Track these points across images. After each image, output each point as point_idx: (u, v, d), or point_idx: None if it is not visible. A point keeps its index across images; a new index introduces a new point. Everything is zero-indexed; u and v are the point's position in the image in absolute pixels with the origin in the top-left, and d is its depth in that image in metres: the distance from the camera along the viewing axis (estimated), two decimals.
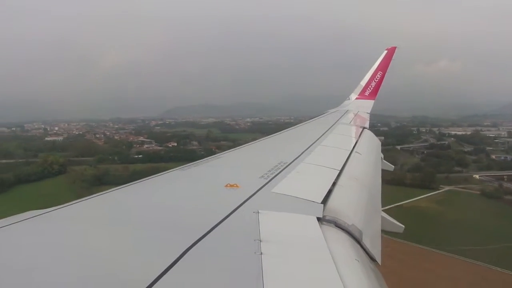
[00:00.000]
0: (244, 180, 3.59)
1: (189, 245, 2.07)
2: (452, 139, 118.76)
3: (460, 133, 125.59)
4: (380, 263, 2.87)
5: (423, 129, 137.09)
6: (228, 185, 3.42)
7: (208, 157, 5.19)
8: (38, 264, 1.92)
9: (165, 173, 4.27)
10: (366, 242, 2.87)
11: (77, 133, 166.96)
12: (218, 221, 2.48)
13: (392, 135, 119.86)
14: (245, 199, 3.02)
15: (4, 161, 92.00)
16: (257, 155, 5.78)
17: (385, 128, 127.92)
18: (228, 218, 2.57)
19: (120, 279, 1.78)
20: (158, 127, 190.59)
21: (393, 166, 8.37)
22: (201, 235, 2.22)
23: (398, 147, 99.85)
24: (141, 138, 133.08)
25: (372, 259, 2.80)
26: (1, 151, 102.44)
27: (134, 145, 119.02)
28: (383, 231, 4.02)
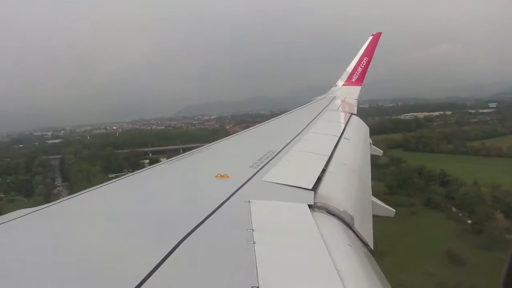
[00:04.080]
0: (234, 170, 3.58)
1: (182, 237, 2.07)
2: None
3: None
4: (372, 248, 2.89)
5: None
6: (219, 175, 3.41)
7: (197, 148, 5.14)
8: (28, 263, 1.88)
9: (156, 166, 4.27)
10: (358, 227, 2.90)
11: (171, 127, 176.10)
12: (210, 212, 2.48)
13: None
14: (236, 189, 3.01)
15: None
16: (246, 145, 5.80)
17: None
18: (219, 209, 2.58)
19: (115, 273, 1.75)
20: (216, 124, 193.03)
21: (381, 151, 8.35)
22: (193, 226, 2.22)
23: None
24: (236, 129, 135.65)
25: (364, 243, 2.83)
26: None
27: None
28: (374, 215, 4.06)
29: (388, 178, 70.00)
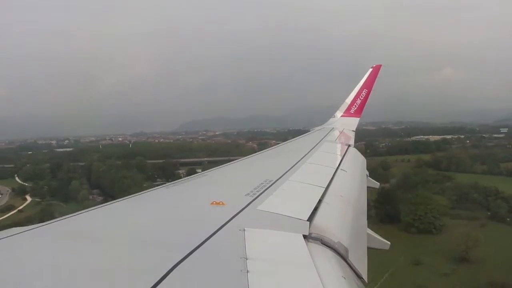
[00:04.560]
0: (229, 198, 3.59)
1: (175, 263, 2.08)
2: None
3: None
4: (366, 280, 2.93)
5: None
6: (214, 202, 3.42)
7: (194, 175, 5.23)
8: (19, 283, 1.92)
9: (151, 191, 4.31)
10: (352, 259, 2.90)
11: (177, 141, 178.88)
12: (204, 239, 2.49)
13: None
14: (231, 216, 3.02)
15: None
16: (242, 173, 5.85)
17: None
18: (214, 236, 2.58)
19: None
20: (228, 139, 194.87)
21: (378, 183, 8.32)
22: (187, 253, 2.24)
23: None
24: (251, 144, 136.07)
25: (358, 276, 2.84)
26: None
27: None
28: (368, 248, 4.08)
29: (447, 193, 72.65)
